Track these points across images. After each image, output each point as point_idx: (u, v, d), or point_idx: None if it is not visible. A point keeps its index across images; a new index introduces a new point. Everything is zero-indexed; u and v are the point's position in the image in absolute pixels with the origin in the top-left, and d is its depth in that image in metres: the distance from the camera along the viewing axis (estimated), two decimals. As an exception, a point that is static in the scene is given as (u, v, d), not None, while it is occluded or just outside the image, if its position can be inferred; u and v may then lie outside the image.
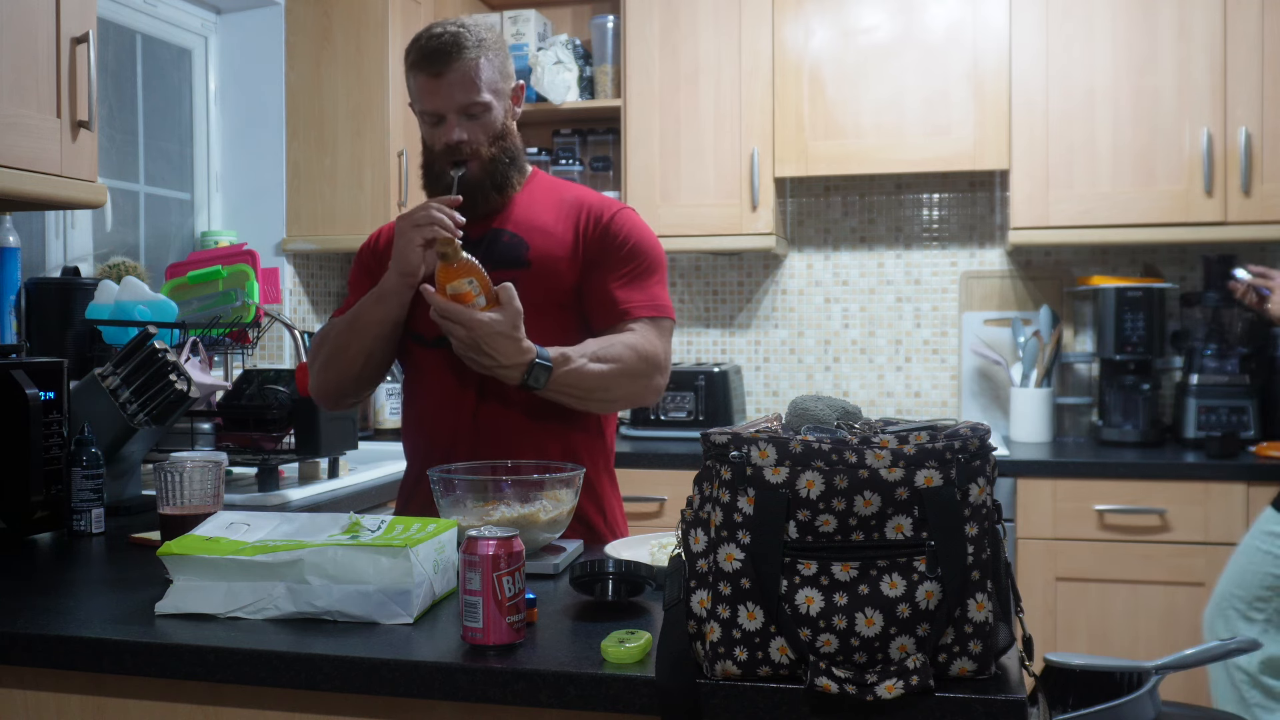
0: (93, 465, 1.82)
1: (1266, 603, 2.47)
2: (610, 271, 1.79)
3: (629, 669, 1.08)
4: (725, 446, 1.05)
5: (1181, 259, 3.35)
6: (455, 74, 1.73)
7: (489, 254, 1.76)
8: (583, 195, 1.86)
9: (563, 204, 1.84)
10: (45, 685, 1.26)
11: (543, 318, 1.73)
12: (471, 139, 1.75)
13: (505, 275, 1.71)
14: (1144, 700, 1.72)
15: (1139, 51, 3.01)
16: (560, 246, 1.78)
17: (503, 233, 1.79)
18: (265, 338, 3.20)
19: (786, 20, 3.22)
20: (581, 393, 1.71)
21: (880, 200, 3.54)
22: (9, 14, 1.78)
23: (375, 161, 3.17)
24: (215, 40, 3.27)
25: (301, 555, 1.25)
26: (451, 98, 1.73)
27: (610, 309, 1.78)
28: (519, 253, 1.77)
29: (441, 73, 1.73)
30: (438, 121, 1.76)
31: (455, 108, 1.74)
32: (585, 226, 1.80)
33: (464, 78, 1.73)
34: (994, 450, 1.07)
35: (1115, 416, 3.15)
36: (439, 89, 1.74)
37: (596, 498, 1.82)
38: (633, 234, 1.82)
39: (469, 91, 1.74)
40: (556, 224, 1.80)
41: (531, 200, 1.84)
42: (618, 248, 1.80)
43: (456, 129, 1.75)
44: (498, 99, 1.77)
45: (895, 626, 1.01)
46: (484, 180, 1.77)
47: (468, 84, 1.73)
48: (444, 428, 1.78)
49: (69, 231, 2.70)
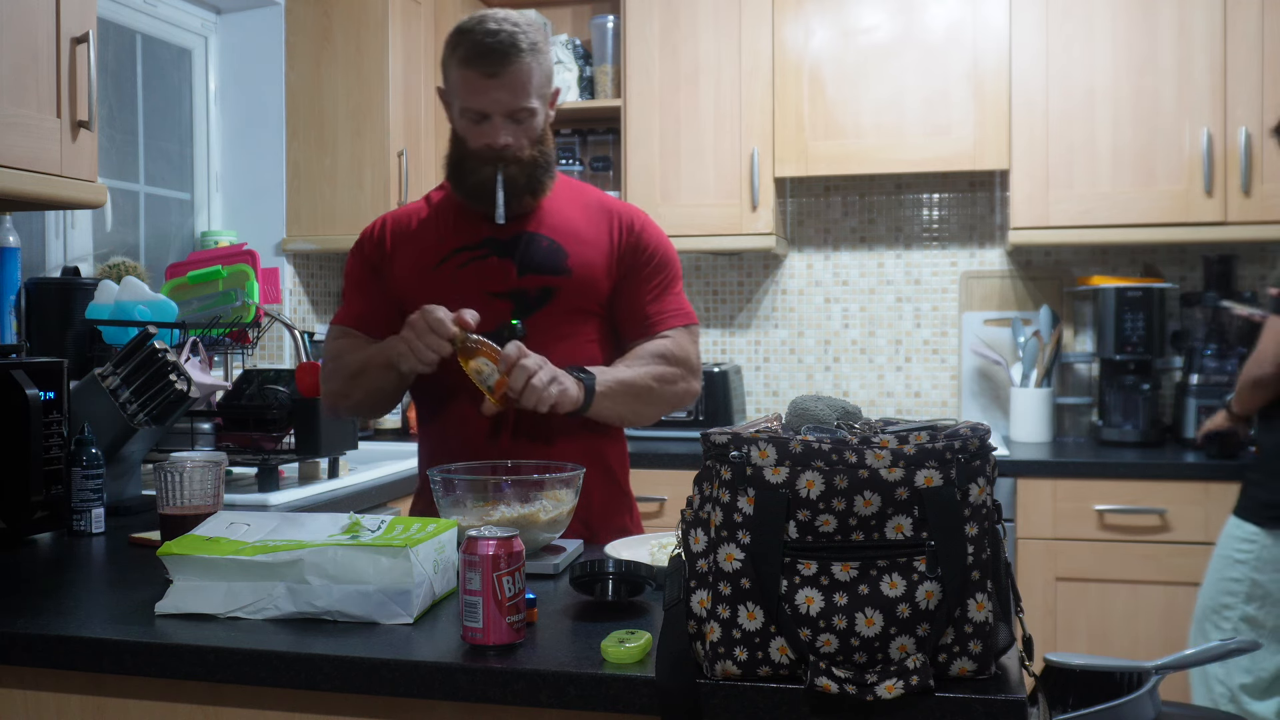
0: (93, 465, 1.82)
1: (1231, 610, 2.46)
2: (643, 283, 1.80)
3: (629, 669, 1.08)
4: (725, 446, 1.05)
5: (1181, 259, 3.35)
6: (509, 77, 1.68)
7: (527, 258, 1.75)
8: (605, 200, 1.86)
9: (589, 208, 1.82)
10: (45, 685, 1.26)
11: (577, 325, 1.75)
12: (515, 143, 1.72)
13: (546, 282, 1.72)
14: (1144, 700, 1.71)
15: (1139, 51, 3.01)
16: (597, 254, 1.78)
17: (540, 237, 1.77)
18: (265, 338, 3.20)
19: (786, 20, 3.22)
20: (626, 400, 1.72)
21: (880, 200, 3.54)
22: (9, 14, 1.78)
23: (375, 161, 3.17)
24: (215, 40, 3.27)
25: (301, 555, 1.25)
26: (501, 100, 1.69)
27: (642, 321, 1.80)
28: (559, 260, 1.75)
29: (495, 73, 1.67)
30: (481, 120, 1.71)
31: (503, 110, 1.70)
32: (618, 236, 1.80)
33: (516, 81, 1.68)
34: (994, 450, 1.07)
35: (1115, 416, 3.15)
36: (489, 89, 1.68)
37: (628, 503, 1.86)
38: (660, 244, 1.84)
39: (519, 96, 1.69)
40: (589, 230, 1.79)
41: (559, 203, 1.82)
42: (648, 259, 1.81)
43: (503, 132, 1.71)
44: (542, 104, 1.74)
45: (895, 626, 1.01)
46: (521, 183, 1.73)
47: (519, 89, 1.69)
48: (478, 436, 1.74)
49: (69, 231, 2.70)
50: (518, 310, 1.73)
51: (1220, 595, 2.48)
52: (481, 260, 1.76)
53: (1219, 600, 2.49)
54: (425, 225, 1.82)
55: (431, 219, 1.82)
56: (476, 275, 1.75)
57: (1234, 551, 2.47)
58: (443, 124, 3.50)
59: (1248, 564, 2.44)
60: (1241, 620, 2.45)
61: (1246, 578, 2.44)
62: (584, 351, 1.76)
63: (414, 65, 3.30)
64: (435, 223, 1.81)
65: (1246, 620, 2.44)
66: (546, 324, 1.73)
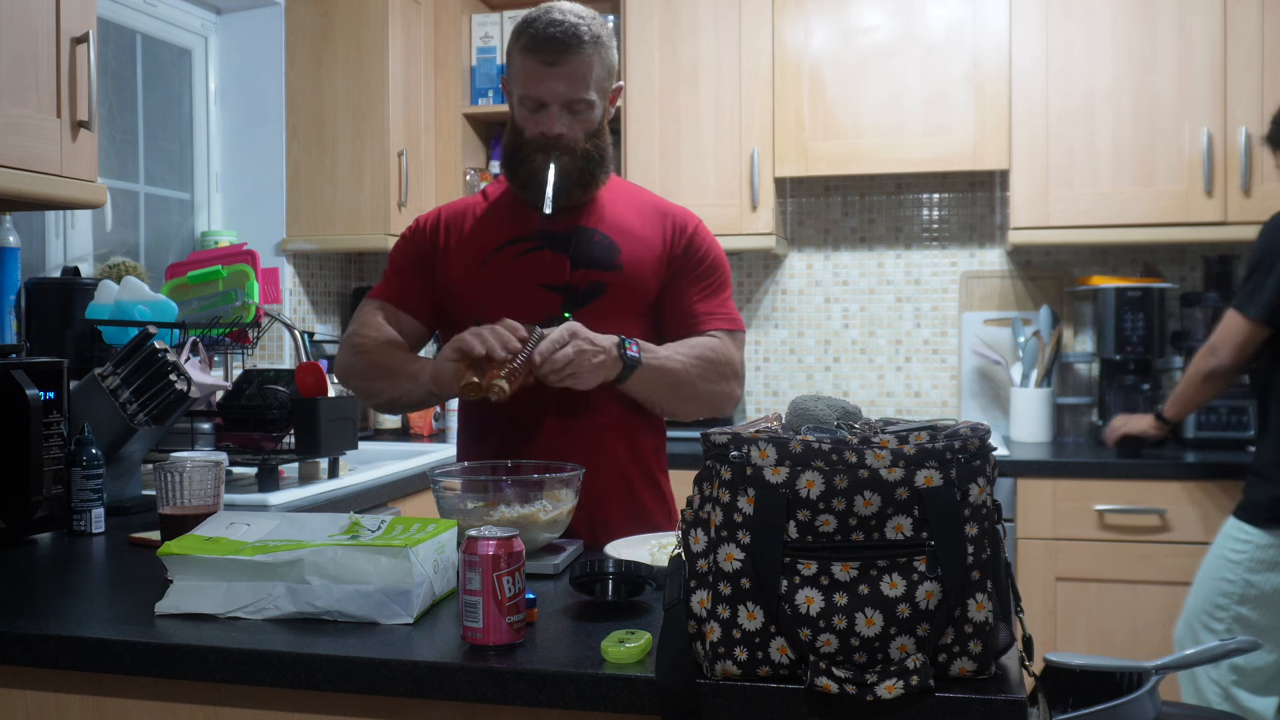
0: (93, 465, 1.82)
1: (1224, 610, 2.46)
2: (692, 285, 1.81)
3: (629, 669, 1.08)
4: (725, 446, 1.05)
5: (1181, 259, 3.35)
6: (568, 68, 1.69)
7: (580, 253, 1.75)
8: (661, 203, 1.87)
9: (644, 209, 1.84)
10: (45, 685, 1.26)
11: (624, 323, 1.75)
12: (570, 134, 1.72)
13: (597, 277, 1.73)
14: (1144, 700, 1.71)
15: (1139, 51, 3.01)
16: (649, 253, 1.79)
17: (594, 232, 1.78)
18: (265, 338, 3.20)
19: (786, 20, 3.22)
20: (669, 384, 1.72)
21: (880, 200, 3.54)
22: (9, 14, 1.78)
23: (375, 161, 3.17)
24: (215, 40, 3.27)
25: (301, 555, 1.25)
26: (559, 90, 1.70)
27: (688, 322, 1.81)
28: (611, 256, 1.76)
29: (555, 62, 1.68)
30: (538, 108, 1.72)
31: (560, 100, 1.70)
32: (672, 237, 1.81)
33: (575, 73, 1.69)
34: (994, 450, 1.07)
35: (1115, 416, 3.15)
36: (547, 77, 1.69)
37: (665, 502, 1.87)
38: (712, 248, 1.85)
39: (577, 88, 1.70)
40: (643, 229, 1.80)
41: (614, 201, 1.83)
42: (699, 261, 1.82)
43: (558, 121, 1.71)
44: (601, 98, 1.74)
45: (895, 626, 1.01)
46: (573, 175, 1.74)
47: (578, 80, 1.70)
48: (519, 430, 1.75)
49: (69, 231, 2.70)
50: (567, 304, 1.74)
51: (1214, 596, 2.48)
52: (535, 252, 1.76)
53: (1213, 601, 2.48)
54: (479, 217, 1.82)
55: (486, 211, 1.83)
56: (529, 267, 1.76)
57: (1229, 552, 2.47)
58: (443, 124, 3.51)
59: (1242, 564, 2.44)
60: (1234, 621, 2.44)
61: (1241, 579, 2.43)
62: None
63: (414, 65, 3.30)
64: (490, 215, 1.82)
65: (1239, 621, 2.44)
66: (593, 320, 1.73)
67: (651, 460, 1.84)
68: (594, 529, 1.72)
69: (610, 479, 1.76)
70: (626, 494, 1.79)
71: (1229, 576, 2.45)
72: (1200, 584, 2.53)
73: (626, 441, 1.79)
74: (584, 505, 1.64)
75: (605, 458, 1.75)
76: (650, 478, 1.84)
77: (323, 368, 2.38)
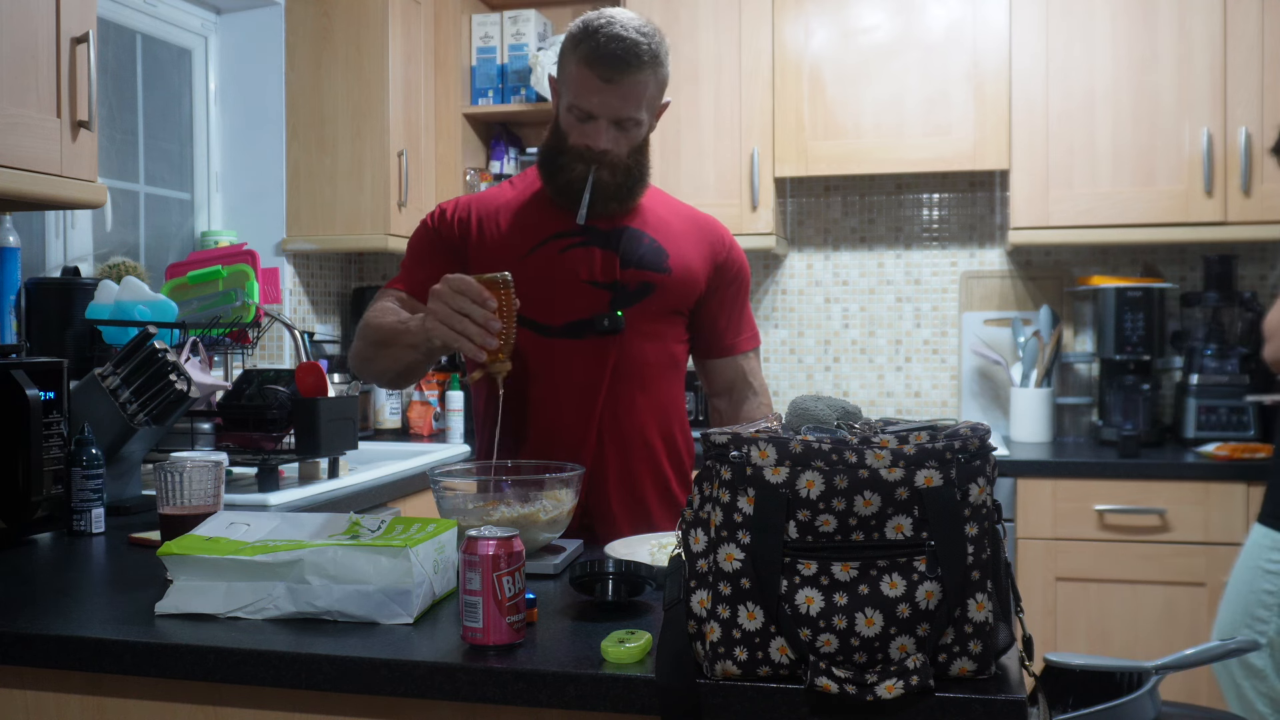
0: (93, 465, 1.82)
1: (1265, 623, 2.37)
2: (724, 301, 1.86)
3: (629, 669, 1.08)
4: (725, 446, 1.05)
5: (1181, 259, 3.35)
6: (624, 87, 1.67)
7: (630, 251, 1.75)
8: (695, 213, 1.90)
9: (682, 217, 1.86)
10: (45, 685, 1.26)
11: (668, 325, 1.78)
12: (614, 149, 1.71)
13: (646, 278, 1.75)
14: (1144, 700, 1.71)
15: (1139, 51, 3.01)
16: (697, 260, 1.81)
17: (641, 234, 1.78)
18: (265, 338, 3.20)
19: (786, 20, 3.22)
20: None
21: (880, 200, 3.54)
22: (9, 14, 1.78)
23: (375, 161, 3.17)
24: (215, 40, 3.27)
25: (301, 555, 1.25)
26: (611, 107, 1.68)
27: (718, 339, 1.88)
28: (660, 259, 1.77)
29: (612, 80, 1.66)
30: (586, 119, 1.70)
31: (612, 116, 1.69)
32: (717, 249, 1.85)
33: (631, 92, 1.67)
34: (994, 450, 1.07)
35: (1115, 416, 3.15)
36: (601, 92, 1.67)
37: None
38: (744, 264, 1.90)
39: (630, 106, 1.68)
40: (686, 238, 1.82)
41: (655, 207, 1.83)
42: (734, 277, 1.87)
43: (605, 136, 1.70)
44: (650, 115, 1.74)
45: (895, 626, 1.01)
46: (610, 189, 1.73)
47: (632, 99, 1.68)
48: (571, 419, 1.75)
49: (69, 231, 2.70)
50: (616, 301, 1.74)
51: (1254, 608, 2.36)
52: (582, 248, 1.75)
53: (1252, 614, 2.36)
54: (518, 210, 1.80)
55: (522, 204, 1.80)
56: (574, 262, 1.75)
57: (1265, 562, 2.34)
58: (443, 124, 3.51)
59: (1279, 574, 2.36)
60: (1277, 634, 2.37)
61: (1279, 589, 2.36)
62: (669, 351, 1.82)
63: (414, 65, 3.30)
64: (530, 208, 1.80)
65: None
66: (639, 321, 1.73)
67: (684, 453, 1.89)
68: (635, 525, 1.78)
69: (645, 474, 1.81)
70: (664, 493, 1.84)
71: (1268, 588, 2.34)
72: (1234, 598, 2.41)
73: (665, 434, 1.83)
74: (622, 500, 1.75)
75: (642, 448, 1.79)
76: (684, 476, 1.89)
77: (323, 368, 2.38)
